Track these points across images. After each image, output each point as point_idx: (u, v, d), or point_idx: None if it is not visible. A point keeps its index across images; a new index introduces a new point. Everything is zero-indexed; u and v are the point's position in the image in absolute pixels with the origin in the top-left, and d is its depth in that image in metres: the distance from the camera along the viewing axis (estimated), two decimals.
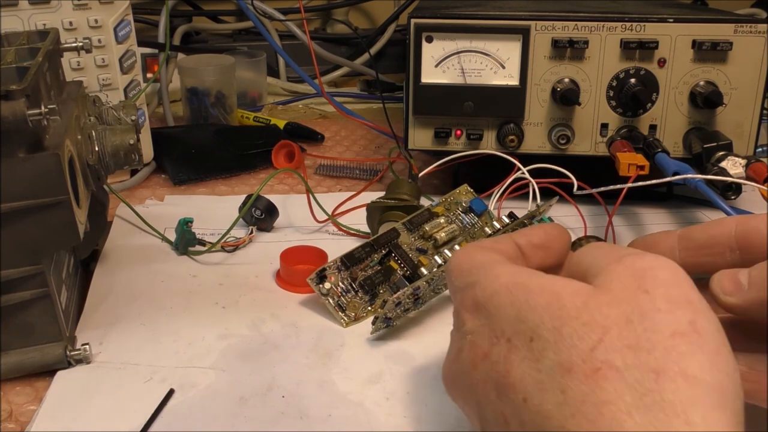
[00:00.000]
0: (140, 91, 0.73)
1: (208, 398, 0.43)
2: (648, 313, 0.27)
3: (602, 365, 0.26)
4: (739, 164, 0.56)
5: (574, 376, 0.26)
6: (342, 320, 0.50)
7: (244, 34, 1.12)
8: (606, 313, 0.27)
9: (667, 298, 0.27)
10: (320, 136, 0.87)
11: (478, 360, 0.30)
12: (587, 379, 0.26)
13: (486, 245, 0.36)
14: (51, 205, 0.42)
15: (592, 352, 0.26)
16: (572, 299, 0.28)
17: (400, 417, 0.42)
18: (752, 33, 0.61)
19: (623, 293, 0.28)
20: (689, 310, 0.27)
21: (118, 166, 0.52)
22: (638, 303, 0.27)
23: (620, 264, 0.29)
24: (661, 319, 0.27)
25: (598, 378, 0.26)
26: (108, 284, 0.55)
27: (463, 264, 0.35)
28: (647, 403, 0.25)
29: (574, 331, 0.27)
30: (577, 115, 0.64)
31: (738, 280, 0.32)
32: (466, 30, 0.62)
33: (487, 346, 0.30)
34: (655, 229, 0.65)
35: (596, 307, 0.28)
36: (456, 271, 0.35)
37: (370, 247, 0.53)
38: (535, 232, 0.37)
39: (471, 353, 0.31)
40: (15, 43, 0.51)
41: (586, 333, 0.27)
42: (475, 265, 0.34)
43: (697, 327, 0.27)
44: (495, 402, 0.29)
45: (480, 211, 0.55)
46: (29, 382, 0.45)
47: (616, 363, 0.26)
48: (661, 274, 0.28)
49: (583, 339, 0.27)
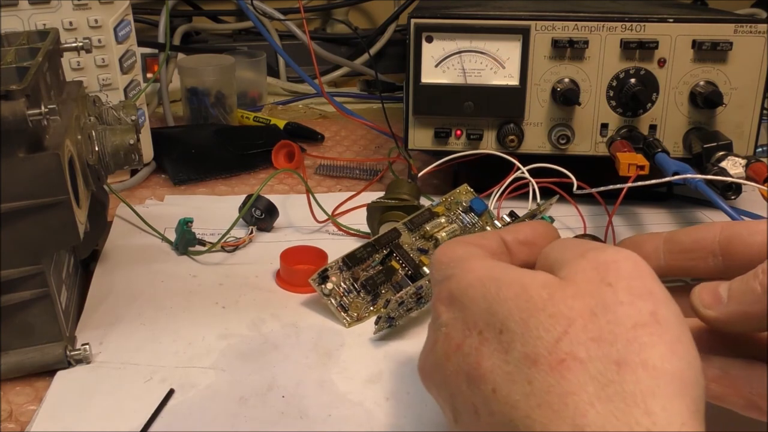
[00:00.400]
0: (140, 91, 0.73)
1: (208, 398, 0.43)
2: (611, 306, 0.28)
3: (567, 357, 0.27)
4: (739, 164, 0.56)
5: (540, 368, 0.27)
6: (344, 320, 0.50)
7: (244, 34, 1.12)
8: (571, 305, 0.28)
9: (628, 290, 0.28)
10: (320, 136, 0.87)
11: (451, 352, 0.31)
12: (552, 371, 0.27)
13: (470, 240, 0.36)
14: (51, 205, 0.42)
15: (557, 344, 0.27)
16: (539, 291, 0.29)
17: (400, 417, 0.42)
18: (752, 33, 0.61)
19: (587, 286, 0.29)
20: (650, 301, 0.28)
21: (118, 166, 0.52)
22: (601, 296, 0.28)
23: (583, 258, 0.30)
24: (623, 312, 0.27)
25: (562, 369, 0.26)
26: (108, 284, 0.55)
27: (443, 257, 0.35)
28: (609, 393, 0.25)
29: (540, 323, 0.28)
30: (577, 115, 0.64)
31: (718, 294, 0.33)
32: (466, 30, 0.62)
33: (460, 339, 0.31)
34: (655, 229, 0.65)
35: (562, 299, 0.28)
36: (436, 263, 0.35)
37: (371, 248, 0.53)
38: (521, 228, 0.38)
39: (445, 345, 0.32)
40: (15, 43, 0.51)
41: (552, 325, 0.28)
42: (454, 259, 0.34)
43: (657, 317, 0.27)
44: (466, 393, 0.30)
45: (480, 211, 0.55)
46: (29, 382, 0.45)
47: (580, 355, 0.26)
48: (623, 267, 0.29)
49: (548, 331, 0.27)
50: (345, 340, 0.49)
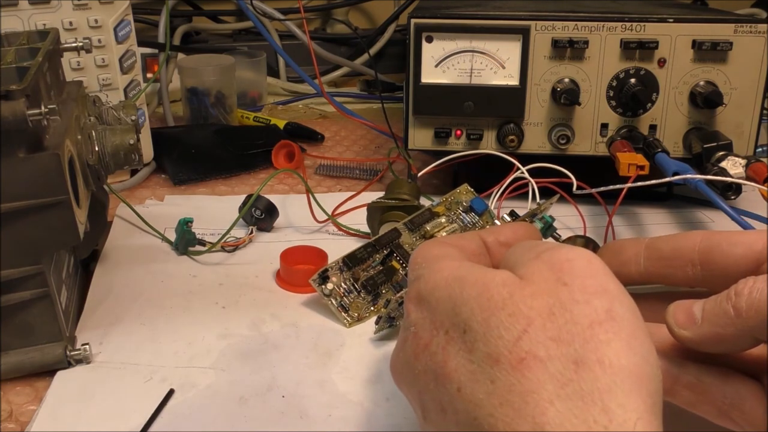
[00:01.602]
0: (140, 91, 0.73)
1: (208, 398, 0.43)
2: (567, 305, 0.28)
3: (527, 355, 0.27)
4: (739, 164, 0.56)
5: (502, 367, 0.27)
6: (345, 321, 0.50)
7: (244, 34, 1.12)
8: (530, 304, 0.28)
9: (583, 288, 0.28)
10: (320, 136, 0.87)
11: (419, 351, 0.31)
12: (513, 370, 0.27)
13: (448, 240, 0.37)
14: (51, 205, 0.42)
15: (517, 343, 0.27)
16: (499, 290, 0.29)
17: (400, 417, 0.42)
18: (752, 33, 0.61)
19: (545, 285, 0.29)
20: (605, 298, 0.28)
21: (118, 166, 0.52)
22: (558, 295, 0.28)
23: (539, 258, 0.30)
24: (579, 311, 0.28)
25: (522, 368, 0.27)
26: (108, 284, 0.55)
27: (417, 257, 0.35)
28: (567, 392, 0.26)
29: (501, 322, 0.28)
30: (577, 115, 0.64)
31: (692, 313, 0.33)
32: (466, 30, 0.62)
33: (428, 338, 0.31)
34: (655, 229, 0.65)
35: (521, 298, 0.29)
36: (412, 263, 0.36)
37: (371, 248, 0.53)
38: (502, 230, 0.38)
39: (413, 344, 0.32)
40: (15, 43, 0.51)
41: (512, 324, 0.28)
42: (427, 259, 0.34)
43: (612, 314, 0.28)
44: (433, 391, 0.30)
45: (481, 211, 0.55)
46: (29, 382, 0.45)
47: (540, 354, 0.27)
48: (577, 265, 0.29)
49: (509, 330, 0.28)
50: (345, 340, 0.49)
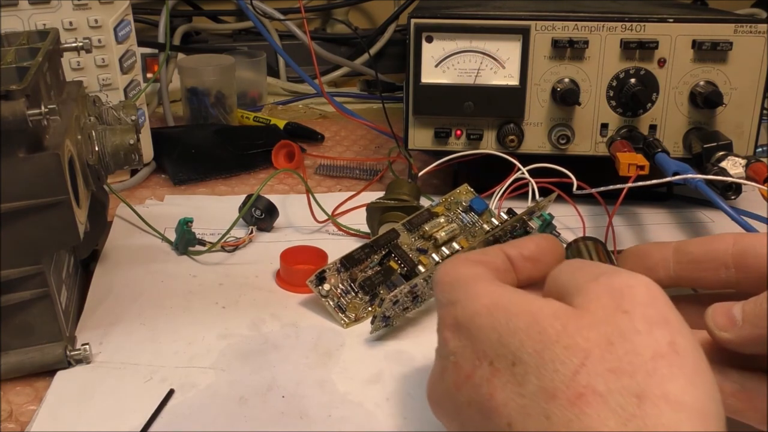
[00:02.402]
0: (140, 91, 0.73)
1: (208, 398, 0.43)
2: (628, 335, 0.27)
3: (585, 390, 0.26)
4: (739, 164, 0.56)
5: (558, 402, 0.26)
6: (342, 321, 0.50)
7: (244, 34, 1.12)
8: (586, 335, 0.27)
9: (645, 317, 0.27)
10: (320, 136, 0.87)
11: (461, 382, 0.30)
12: (571, 405, 0.26)
13: (473, 258, 0.35)
14: (51, 205, 0.42)
15: (574, 377, 0.26)
16: (551, 322, 0.28)
17: (400, 417, 0.42)
18: (752, 33, 0.61)
19: (602, 313, 0.28)
20: (667, 330, 0.27)
21: (118, 166, 0.52)
22: (618, 324, 0.27)
23: (597, 283, 0.29)
24: (641, 341, 0.27)
25: (581, 404, 0.26)
26: (108, 284, 0.55)
27: (446, 277, 0.34)
28: (631, 429, 0.25)
29: (556, 356, 0.27)
30: (577, 115, 0.64)
31: (732, 315, 0.32)
32: (466, 30, 0.62)
33: (470, 369, 0.30)
34: (655, 229, 0.65)
35: (576, 330, 0.27)
36: (439, 284, 0.34)
37: (369, 248, 0.53)
38: (526, 243, 0.37)
39: (454, 375, 0.31)
40: (15, 43, 0.51)
41: (568, 357, 0.27)
42: (459, 281, 0.33)
43: (676, 347, 0.27)
44: (480, 425, 0.29)
45: (480, 210, 0.55)
46: (29, 382, 0.45)
47: (599, 388, 0.26)
48: (638, 293, 0.28)
49: (565, 363, 0.27)
50: (345, 340, 0.49)
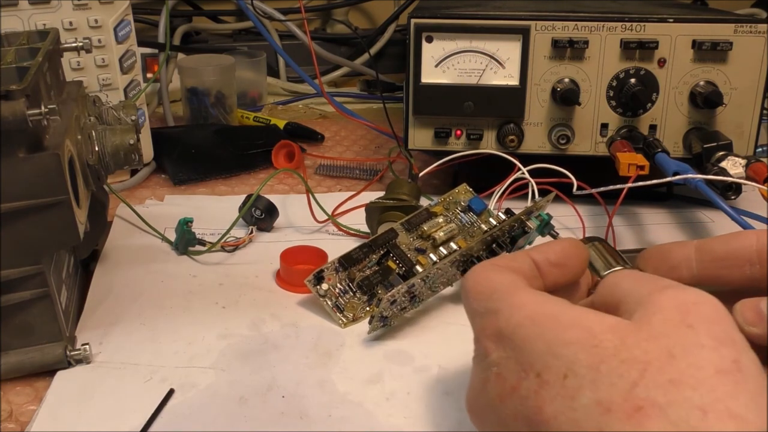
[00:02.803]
0: (140, 91, 0.73)
1: (208, 398, 0.43)
2: (691, 348, 0.26)
3: (644, 403, 0.25)
4: (739, 164, 0.56)
5: (614, 415, 0.25)
6: (340, 321, 0.50)
7: (244, 34, 1.12)
8: (645, 348, 0.27)
9: (711, 334, 0.27)
10: (320, 136, 0.87)
11: (506, 394, 0.30)
12: (629, 419, 0.25)
13: (502, 264, 0.35)
14: (51, 205, 0.42)
15: (632, 390, 0.26)
16: (608, 336, 0.28)
17: (400, 417, 0.42)
18: (752, 33, 0.61)
19: (664, 327, 0.27)
20: (733, 348, 0.26)
21: (118, 166, 0.52)
22: (681, 337, 0.27)
23: (663, 295, 0.29)
24: (705, 356, 0.26)
25: (640, 417, 0.25)
26: (108, 284, 0.55)
27: (480, 286, 0.34)
28: None
29: (613, 369, 0.26)
30: (577, 115, 0.64)
31: (760, 310, 0.31)
32: (466, 30, 0.62)
33: (515, 380, 0.29)
34: (655, 229, 0.65)
35: (635, 344, 0.27)
36: (473, 292, 0.34)
37: (367, 248, 0.53)
38: (552, 248, 0.36)
39: (497, 386, 0.30)
40: (15, 43, 0.51)
41: (626, 370, 0.26)
42: (496, 289, 0.33)
43: (740, 366, 0.26)
44: None
45: (479, 210, 0.55)
46: (29, 382, 0.45)
47: (659, 400, 0.25)
48: (705, 310, 0.28)
49: (622, 377, 0.26)
50: (345, 340, 0.49)
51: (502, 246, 0.52)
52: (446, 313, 0.52)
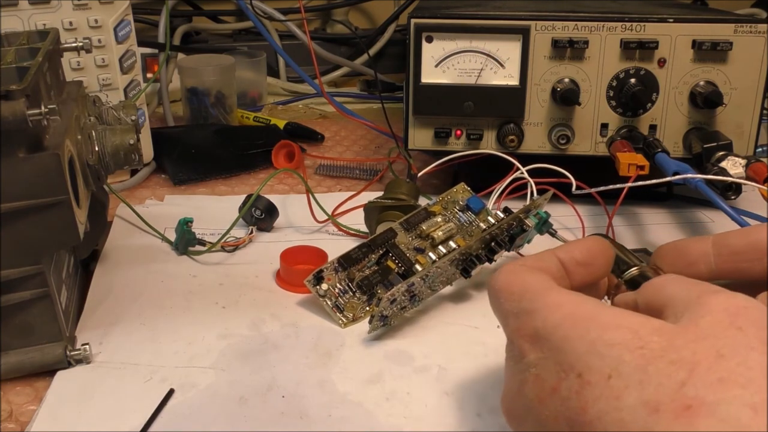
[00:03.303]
0: (140, 91, 0.73)
1: (208, 398, 0.43)
2: (741, 349, 0.26)
3: (693, 402, 0.25)
4: (739, 164, 0.56)
5: (663, 415, 0.25)
6: (340, 321, 0.50)
7: (244, 34, 1.12)
8: (694, 348, 0.27)
9: (760, 337, 0.27)
10: (320, 136, 0.87)
11: (545, 395, 0.30)
12: (678, 417, 0.25)
13: (531, 264, 0.35)
14: (51, 205, 0.42)
15: (680, 389, 0.26)
16: (654, 338, 0.28)
17: (400, 417, 0.42)
18: (752, 33, 0.61)
19: (713, 329, 0.27)
20: None
21: (118, 166, 0.52)
22: (730, 339, 0.27)
23: (712, 299, 0.29)
24: (754, 358, 0.26)
25: (689, 415, 0.25)
26: (108, 284, 0.55)
27: (512, 286, 0.34)
28: None
29: (661, 370, 0.26)
30: (577, 115, 0.64)
31: None
32: (466, 30, 0.62)
33: (555, 381, 0.29)
34: (655, 229, 0.65)
35: (683, 345, 0.27)
36: (505, 293, 0.34)
37: (367, 248, 0.53)
38: (577, 247, 0.36)
39: (536, 387, 0.30)
40: (15, 43, 0.51)
41: (674, 371, 0.26)
42: (528, 290, 0.33)
43: None
44: None
45: (477, 209, 0.55)
46: (29, 382, 0.45)
47: (708, 398, 0.25)
48: (754, 314, 0.28)
49: (670, 377, 0.26)
50: (345, 340, 0.49)
51: (500, 244, 0.52)
52: (446, 313, 0.52)
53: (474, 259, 0.52)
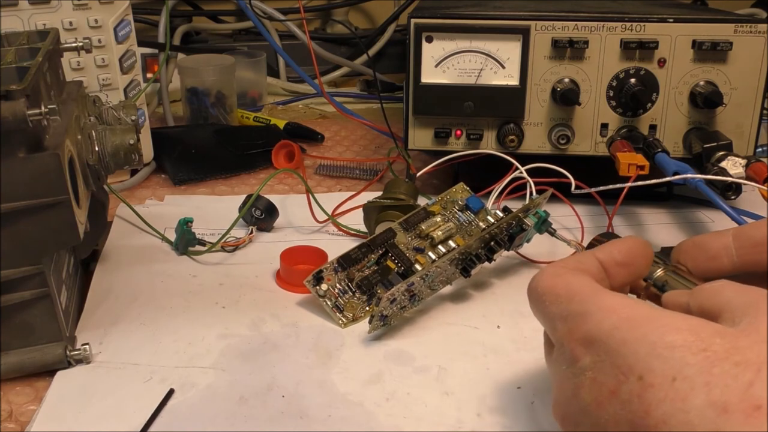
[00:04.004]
0: (140, 91, 0.73)
1: (208, 398, 0.43)
2: None
3: (762, 402, 0.25)
4: (739, 164, 0.56)
5: (733, 416, 0.26)
6: (340, 321, 0.50)
7: (244, 34, 1.12)
8: (758, 350, 0.27)
9: None
10: (320, 136, 0.87)
11: (604, 398, 0.30)
12: (747, 418, 0.25)
13: (572, 266, 0.35)
14: (51, 205, 0.42)
15: (748, 390, 0.26)
16: (716, 340, 0.28)
17: (400, 417, 0.42)
18: (752, 33, 0.61)
19: None
20: None
21: (118, 166, 0.52)
22: None
23: None
24: None
25: (759, 415, 0.25)
26: (108, 284, 0.55)
27: (557, 288, 0.34)
28: None
29: (726, 372, 0.27)
30: (577, 115, 0.64)
31: None
32: (466, 30, 0.62)
33: (614, 384, 0.29)
34: (655, 229, 0.65)
35: (747, 347, 0.27)
36: (551, 295, 0.34)
37: (366, 248, 0.53)
38: (617, 248, 0.36)
39: (594, 391, 0.30)
40: (15, 43, 0.51)
41: (740, 372, 0.26)
42: (576, 292, 0.33)
43: None
44: None
45: (477, 209, 0.55)
46: (29, 382, 0.45)
47: None
48: None
49: (737, 378, 0.26)
50: (345, 340, 0.49)
51: (500, 244, 0.52)
52: (446, 313, 0.52)
53: (473, 259, 0.52)
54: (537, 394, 0.43)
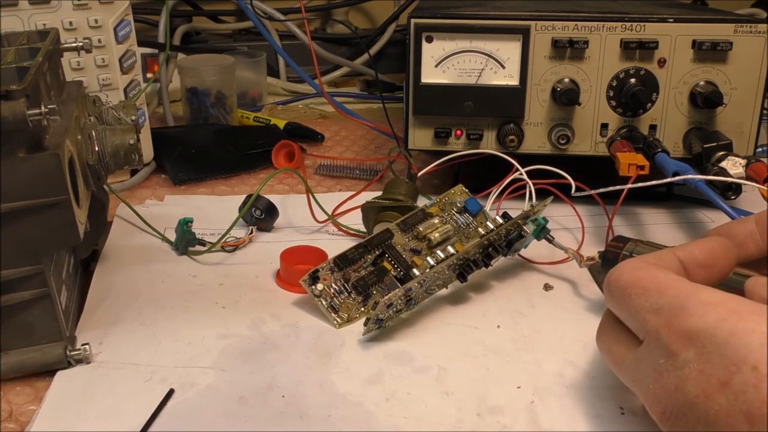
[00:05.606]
0: (140, 91, 0.73)
1: (208, 398, 0.43)
2: None
3: None
4: (739, 164, 0.56)
5: None
6: (335, 321, 0.50)
7: (244, 34, 1.12)
8: None
9: None
10: (320, 136, 0.87)
11: (713, 390, 0.29)
12: None
13: (652, 261, 0.35)
14: (51, 205, 0.42)
15: None
16: None
17: (400, 417, 0.42)
18: (752, 33, 0.61)
19: None
20: None
21: (118, 166, 0.52)
22: None
23: None
24: None
25: None
26: (108, 284, 0.55)
27: (644, 282, 0.33)
28: None
29: None
30: (577, 115, 0.64)
31: None
32: (466, 30, 0.62)
33: (724, 375, 0.29)
34: (655, 229, 0.65)
35: None
36: (638, 288, 0.34)
37: (363, 248, 0.53)
38: (699, 248, 0.36)
39: (702, 383, 0.30)
40: (15, 43, 0.51)
41: None
42: (668, 286, 0.33)
43: None
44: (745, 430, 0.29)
45: (475, 211, 0.55)
46: (29, 382, 0.45)
47: None
48: None
49: None
50: (345, 340, 0.49)
51: (498, 249, 0.52)
52: (446, 313, 0.52)
53: (471, 264, 0.52)
54: (537, 394, 0.43)
